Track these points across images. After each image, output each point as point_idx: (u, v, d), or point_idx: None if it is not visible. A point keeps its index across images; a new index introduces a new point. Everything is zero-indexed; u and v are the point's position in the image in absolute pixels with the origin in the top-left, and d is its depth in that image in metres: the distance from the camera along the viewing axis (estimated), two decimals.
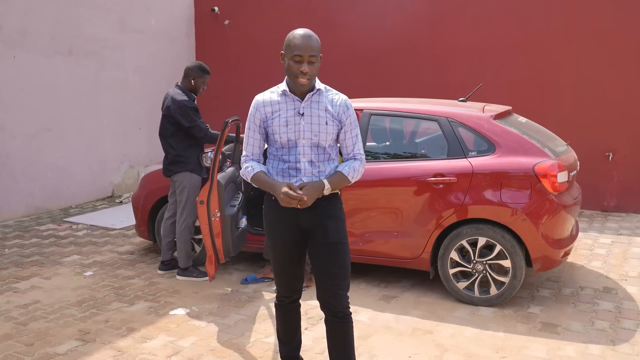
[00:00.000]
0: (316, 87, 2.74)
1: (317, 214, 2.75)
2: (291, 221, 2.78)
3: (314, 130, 2.71)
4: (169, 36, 9.26)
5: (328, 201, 2.78)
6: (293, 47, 2.64)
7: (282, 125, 2.71)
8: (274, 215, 2.84)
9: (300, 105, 2.73)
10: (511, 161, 4.24)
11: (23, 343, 3.70)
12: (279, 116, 2.73)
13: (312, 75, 2.66)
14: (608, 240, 6.02)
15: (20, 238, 6.23)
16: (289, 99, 2.75)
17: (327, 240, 2.77)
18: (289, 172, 2.75)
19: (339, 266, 2.79)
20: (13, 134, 7.03)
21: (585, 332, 3.85)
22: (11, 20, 6.93)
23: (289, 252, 2.86)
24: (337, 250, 2.79)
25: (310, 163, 2.75)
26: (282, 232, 2.83)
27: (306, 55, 2.62)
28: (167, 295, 4.56)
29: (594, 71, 7.15)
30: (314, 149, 2.74)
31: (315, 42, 2.66)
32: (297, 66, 2.63)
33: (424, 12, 8.01)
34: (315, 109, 2.73)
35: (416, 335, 3.84)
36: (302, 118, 2.72)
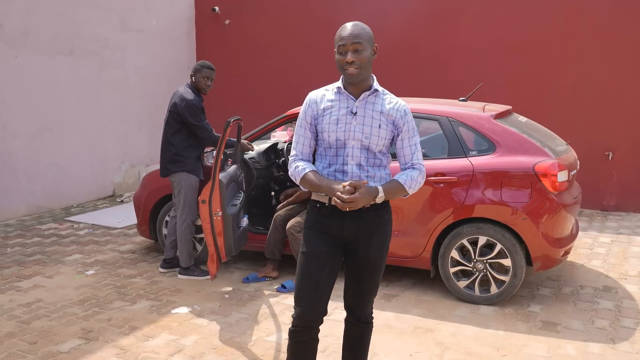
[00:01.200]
0: (373, 87, 2.58)
1: (363, 226, 2.58)
2: (334, 232, 2.59)
3: (365, 131, 2.53)
4: (170, 36, 9.27)
5: (376, 212, 2.58)
6: (337, 38, 2.50)
7: (332, 123, 2.55)
8: (318, 223, 2.63)
9: (354, 104, 2.56)
10: (511, 160, 4.26)
11: (26, 341, 3.73)
12: (330, 114, 2.57)
13: (361, 65, 2.47)
14: (608, 239, 6.04)
15: (22, 237, 6.25)
16: (342, 97, 2.59)
17: (368, 257, 2.63)
18: (335, 175, 2.57)
19: (373, 283, 2.70)
20: (14, 134, 7.05)
21: (586, 331, 3.87)
22: (13, 19, 6.95)
23: (323, 261, 2.60)
24: (376, 267, 2.67)
25: (358, 166, 2.56)
26: (321, 240, 2.61)
27: (349, 43, 2.46)
28: (169, 294, 4.58)
29: (593, 70, 7.16)
30: (364, 152, 2.55)
31: (360, 29, 2.49)
32: (342, 57, 2.48)
33: (423, 12, 8.02)
34: (370, 109, 2.56)
35: (417, 333, 3.86)
36: (354, 117, 2.54)
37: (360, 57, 2.47)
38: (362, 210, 2.51)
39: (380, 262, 2.68)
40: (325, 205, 2.59)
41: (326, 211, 2.59)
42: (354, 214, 2.52)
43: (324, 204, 2.59)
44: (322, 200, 2.60)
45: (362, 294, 2.73)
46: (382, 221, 2.63)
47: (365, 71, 2.51)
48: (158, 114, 9.02)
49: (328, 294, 2.66)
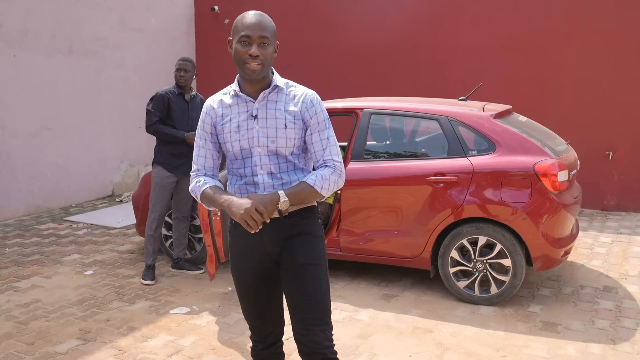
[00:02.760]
0: (273, 83, 2.25)
1: (283, 233, 2.26)
2: (257, 248, 2.29)
3: (270, 135, 2.21)
4: (169, 35, 9.26)
5: (296, 217, 2.27)
6: (240, 27, 2.17)
7: (234, 132, 2.23)
8: (238, 246, 2.35)
9: (253, 106, 2.24)
10: (511, 160, 4.24)
11: (24, 342, 3.71)
12: (229, 121, 2.24)
13: (264, 61, 2.16)
14: (608, 239, 6.02)
15: (20, 237, 6.24)
16: (240, 100, 2.26)
17: (293, 262, 2.26)
18: (247, 188, 2.26)
19: (310, 294, 2.23)
20: (13, 133, 7.04)
21: (586, 331, 3.86)
22: (12, 19, 6.93)
23: (255, 288, 2.34)
24: (307, 274, 2.25)
25: (270, 175, 2.24)
26: (246, 263, 2.33)
27: (256, 35, 2.14)
28: (168, 294, 4.56)
29: (593, 70, 7.15)
30: (273, 158, 2.24)
31: (267, 21, 2.20)
32: (245, 49, 2.15)
33: (423, 11, 8.01)
34: (272, 109, 2.23)
35: (417, 334, 3.85)
36: (255, 121, 2.22)
37: (265, 52, 2.16)
38: (279, 219, 2.24)
39: (312, 266, 2.26)
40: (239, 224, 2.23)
41: (242, 230, 2.24)
42: (272, 225, 2.23)
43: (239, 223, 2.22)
44: None
45: (302, 315, 2.24)
46: (304, 223, 2.30)
47: (267, 68, 2.21)
48: None
49: (275, 314, 2.41)
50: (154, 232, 4.87)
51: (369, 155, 4.68)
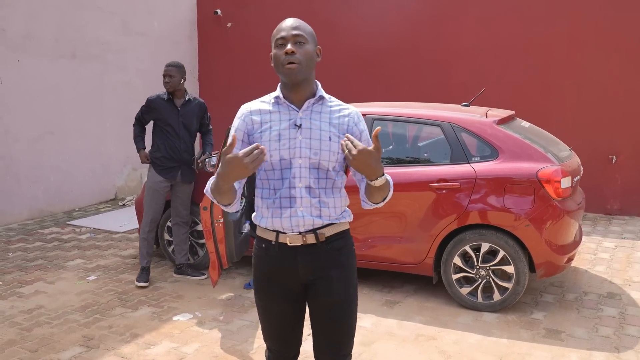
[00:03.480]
0: (319, 94, 2.18)
1: (319, 261, 2.16)
2: (289, 274, 2.19)
3: (313, 146, 2.10)
4: (172, 39, 9.27)
5: (334, 243, 2.18)
6: (275, 33, 2.13)
7: (274, 140, 2.10)
8: (265, 265, 2.22)
9: (297, 115, 2.13)
10: (514, 167, 4.23)
11: (27, 349, 3.72)
12: (269, 129, 2.12)
13: (303, 60, 2.08)
14: (612, 244, 6.01)
15: (24, 241, 6.25)
16: (282, 108, 2.15)
17: (330, 298, 2.19)
18: (281, 202, 2.12)
19: (343, 331, 2.23)
20: (17, 137, 7.05)
21: (589, 339, 3.84)
22: (15, 24, 6.95)
23: (283, 314, 2.25)
24: (343, 312, 2.21)
25: (308, 190, 2.12)
26: (275, 288, 2.21)
27: (289, 36, 2.09)
28: (171, 300, 4.56)
29: (597, 74, 7.13)
30: (314, 172, 2.12)
31: (302, 24, 2.15)
32: (280, 50, 2.09)
33: (426, 14, 8.00)
34: (317, 120, 2.13)
35: (419, 341, 3.84)
36: (299, 131, 2.11)
37: (302, 49, 2.08)
38: (316, 245, 2.14)
39: (348, 304, 2.21)
40: (272, 244, 2.17)
41: (274, 252, 2.17)
42: (308, 249, 2.14)
43: (271, 243, 2.18)
44: (268, 238, 2.19)
45: (332, 347, 2.25)
46: (342, 254, 2.20)
47: (307, 69, 2.11)
48: None
49: (296, 336, 2.33)
50: (147, 235, 4.90)
51: None
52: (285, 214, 2.13)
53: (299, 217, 2.12)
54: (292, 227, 2.13)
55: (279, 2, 8.96)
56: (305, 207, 2.12)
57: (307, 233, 2.14)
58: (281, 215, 2.13)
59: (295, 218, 2.12)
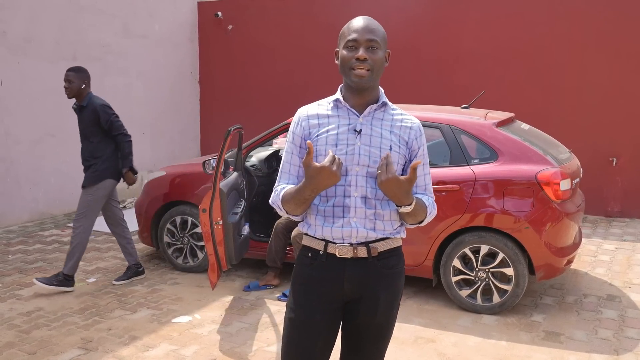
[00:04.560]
0: (381, 100, 2.06)
1: (369, 279, 2.04)
2: (331, 286, 2.04)
3: (373, 154, 1.98)
4: (173, 41, 9.28)
5: (386, 261, 2.05)
6: (346, 32, 2.01)
7: (331, 145, 1.99)
8: (310, 280, 2.07)
9: (357, 120, 2.02)
10: (514, 169, 4.23)
11: (25, 352, 3.71)
12: (327, 132, 2.01)
13: (373, 66, 1.97)
14: (612, 246, 6.00)
15: (24, 244, 6.25)
16: (342, 112, 2.04)
17: (373, 320, 2.08)
18: (334, 210, 2.00)
19: (378, 354, 2.16)
20: (17, 140, 7.06)
21: (589, 341, 3.84)
22: (16, 26, 6.96)
23: (316, 333, 2.07)
24: (382, 334, 2.13)
25: (363, 200, 1.99)
26: (313, 303, 2.05)
27: (363, 39, 1.96)
28: (170, 302, 4.56)
29: (597, 76, 7.13)
30: (371, 181, 1.98)
31: (376, 26, 2.02)
32: (352, 53, 1.96)
33: (426, 17, 8.01)
34: (378, 127, 2.02)
35: (419, 344, 3.83)
36: (358, 137, 2.00)
37: (374, 56, 1.98)
38: (366, 259, 2.03)
39: (388, 327, 2.13)
40: (319, 254, 2.05)
41: (321, 262, 2.05)
42: (358, 263, 2.03)
43: (318, 252, 2.05)
44: (316, 247, 2.06)
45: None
46: (393, 273, 2.08)
47: (376, 77, 2.02)
48: (161, 119, 9.05)
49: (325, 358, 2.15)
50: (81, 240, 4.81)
51: None
52: (337, 224, 2.00)
53: (352, 228, 1.99)
54: (344, 237, 2.01)
55: (279, 5, 8.98)
56: (360, 218, 1.99)
57: (358, 245, 2.02)
58: (332, 224, 2.01)
59: (348, 229, 1.99)
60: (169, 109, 9.15)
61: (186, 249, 5.23)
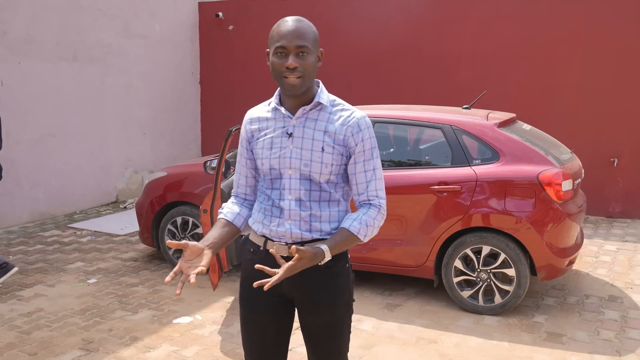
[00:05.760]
0: (316, 100, 2.01)
1: (306, 278, 1.99)
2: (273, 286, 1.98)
3: (304, 157, 1.97)
4: (173, 42, 9.28)
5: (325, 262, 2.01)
6: (275, 37, 1.94)
7: (266, 148, 2.02)
8: (249, 273, 2.07)
9: (290, 123, 2.01)
10: (515, 169, 4.22)
11: (26, 352, 3.71)
12: (264, 136, 2.04)
13: (305, 73, 1.92)
14: (613, 247, 5.99)
15: (24, 244, 6.24)
16: (278, 115, 2.04)
17: (316, 318, 2.07)
18: (272, 211, 2.02)
19: (332, 352, 2.12)
20: (18, 140, 7.05)
21: (591, 342, 3.83)
22: (16, 26, 6.96)
23: (263, 326, 2.10)
24: (330, 332, 2.09)
25: (298, 202, 1.99)
26: (257, 297, 2.04)
27: (292, 46, 1.90)
28: (171, 303, 4.55)
29: (598, 76, 7.12)
30: (305, 184, 1.99)
31: (306, 27, 1.96)
32: (281, 61, 1.91)
33: (428, 17, 8.00)
34: (310, 128, 1.99)
35: (420, 344, 3.83)
36: (290, 140, 1.99)
37: (304, 62, 1.92)
38: None
39: (335, 326, 2.08)
40: (259, 249, 2.06)
41: (260, 258, 2.04)
42: None
43: (259, 248, 2.06)
44: (257, 243, 2.08)
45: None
46: (331, 272, 2.04)
47: (309, 81, 1.97)
48: (161, 119, 9.04)
49: (279, 353, 2.16)
50: None
51: None
52: (273, 223, 2.02)
53: (286, 229, 2.00)
54: (279, 237, 2.02)
55: (280, 5, 8.97)
56: (294, 220, 1.99)
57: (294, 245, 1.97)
58: (270, 223, 2.03)
59: (283, 229, 2.00)
60: (170, 110, 9.15)
61: None
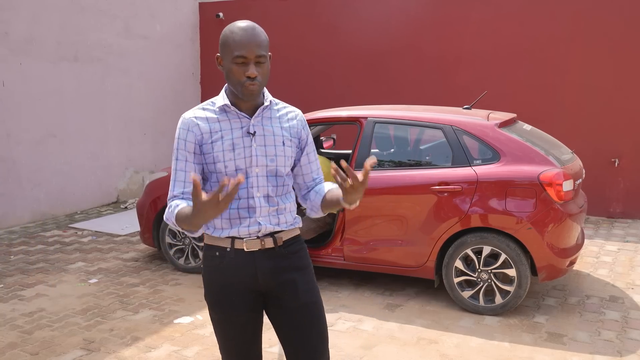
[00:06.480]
0: (268, 99, 2.11)
1: (280, 265, 2.08)
2: (246, 281, 2.07)
3: (269, 153, 2.06)
4: (174, 42, 9.29)
5: (290, 247, 2.12)
6: (232, 45, 1.96)
7: (228, 150, 2.02)
8: (218, 277, 2.09)
9: (249, 123, 2.06)
10: (516, 170, 4.22)
11: (28, 352, 3.71)
12: (221, 138, 2.03)
13: (263, 80, 2.00)
14: (614, 247, 5.99)
15: (25, 244, 6.25)
16: (232, 116, 2.06)
17: (298, 302, 2.10)
18: (239, 212, 2.05)
19: (318, 336, 2.14)
20: (19, 140, 7.07)
21: (592, 343, 3.83)
22: (17, 27, 6.97)
23: (243, 326, 2.12)
24: (314, 315, 2.13)
25: (266, 198, 2.07)
26: (232, 299, 2.08)
27: (252, 56, 1.95)
28: (172, 303, 4.56)
29: (599, 77, 7.12)
30: (272, 180, 2.08)
31: (260, 36, 1.99)
32: (242, 70, 1.96)
33: (428, 17, 8.00)
34: (269, 125, 2.09)
35: (421, 345, 3.83)
36: (253, 139, 2.05)
37: (263, 70, 1.99)
38: (274, 249, 2.08)
39: (317, 307, 2.15)
40: (227, 251, 2.07)
41: (230, 259, 2.06)
42: (266, 254, 2.07)
43: (225, 250, 2.07)
44: (222, 245, 2.08)
45: (311, 355, 2.14)
46: (300, 256, 2.16)
47: (265, 85, 2.05)
48: (162, 120, 9.05)
49: (258, 350, 2.22)
50: None
51: None
52: (244, 224, 2.05)
53: (259, 226, 2.05)
54: (250, 233, 2.06)
55: (281, 6, 8.98)
56: (264, 216, 2.07)
57: (264, 237, 2.07)
58: (240, 225, 2.05)
59: (255, 227, 2.05)
60: (170, 110, 9.15)
61: (188, 250, 5.23)
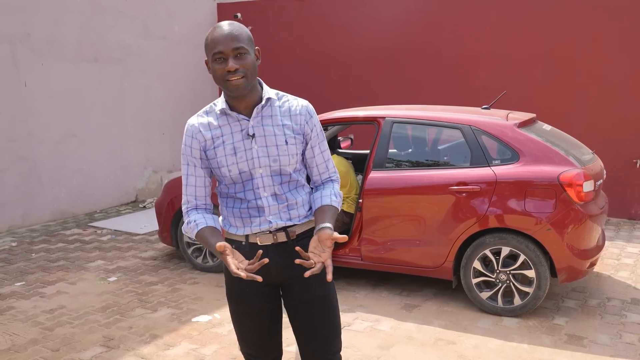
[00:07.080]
0: (265, 96, 2.08)
1: (290, 259, 2.07)
2: (262, 274, 2.05)
3: (271, 154, 2.06)
4: (192, 42, 9.35)
5: (303, 242, 2.13)
6: (211, 44, 1.97)
7: (230, 155, 2.05)
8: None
9: (248, 124, 2.06)
10: (535, 170, 4.18)
11: (49, 348, 3.77)
12: (222, 143, 2.05)
13: (247, 72, 1.98)
14: (636, 249, 5.90)
15: (46, 242, 6.35)
16: (231, 119, 2.07)
17: (310, 294, 2.14)
18: (249, 212, 2.09)
19: (329, 327, 2.17)
20: (40, 140, 7.17)
21: (613, 345, 3.78)
22: (39, 28, 7.08)
23: (258, 316, 2.18)
24: (325, 306, 2.16)
25: (274, 197, 2.09)
26: (247, 290, 2.13)
27: (229, 50, 1.95)
28: (190, 301, 4.59)
29: (619, 76, 7.02)
30: (277, 178, 2.09)
31: (238, 30, 1.98)
32: (222, 66, 1.96)
33: (446, 16, 7.96)
34: (269, 125, 2.07)
35: (439, 345, 3.81)
36: (253, 141, 2.05)
37: (244, 62, 1.97)
38: (287, 243, 2.11)
39: (329, 299, 2.17)
40: (242, 244, 2.13)
41: (245, 252, 2.07)
42: (279, 248, 2.11)
43: (240, 243, 2.13)
44: (237, 239, 2.15)
45: (320, 346, 2.18)
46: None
47: (253, 80, 2.02)
48: (180, 120, 9.11)
49: (275, 342, 2.27)
50: None
51: (390, 164, 4.66)
52: (255, 223, 2.11)
53: (270, 224, 2.10)
54: (262, 231, 2.11)
55: (298, 6, 8.99)
56: (274, 214, 2.10)
57: (277, 232, 2.12)
58: (251, 224, 2.11)
59: (266, 225, 2.10)
60: (189, 110, 9.20)
61: (206, 249, 5.26)
